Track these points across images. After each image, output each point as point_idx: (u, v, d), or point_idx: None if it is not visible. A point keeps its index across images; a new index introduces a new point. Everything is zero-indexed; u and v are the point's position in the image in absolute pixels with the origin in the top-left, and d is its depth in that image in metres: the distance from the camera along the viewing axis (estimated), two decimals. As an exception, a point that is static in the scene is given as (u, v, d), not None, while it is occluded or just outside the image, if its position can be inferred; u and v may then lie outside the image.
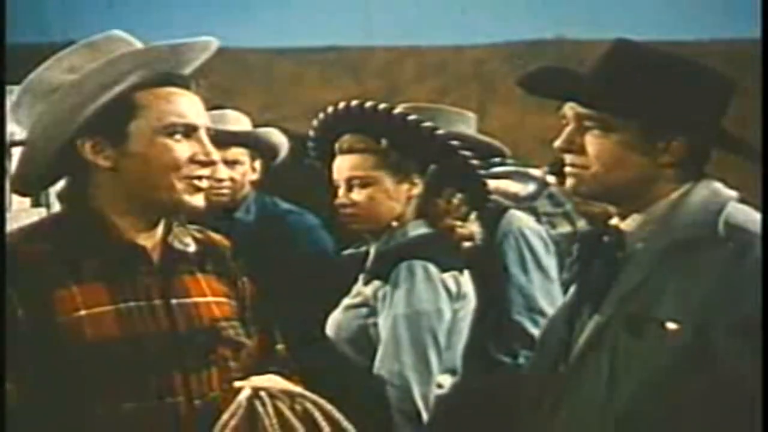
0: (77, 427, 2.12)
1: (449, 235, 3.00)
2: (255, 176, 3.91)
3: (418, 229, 2.98)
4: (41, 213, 3.59)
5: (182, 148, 2.19)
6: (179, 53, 2.22)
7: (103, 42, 2.25)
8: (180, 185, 2.19)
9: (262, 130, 3.95)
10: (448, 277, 2.94)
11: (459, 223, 3.01)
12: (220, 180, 3.77)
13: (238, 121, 3.94)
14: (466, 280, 3.01)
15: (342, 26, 9.12)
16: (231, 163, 3.81)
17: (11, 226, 2.31)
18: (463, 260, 3.01)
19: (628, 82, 2.10)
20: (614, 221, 2.18)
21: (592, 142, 2.12)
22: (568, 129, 2.15)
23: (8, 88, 2.37)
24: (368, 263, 3.03)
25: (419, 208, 3.00)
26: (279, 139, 3.93)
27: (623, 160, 2.11)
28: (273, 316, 2.46)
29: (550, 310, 3.40)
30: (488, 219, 3.54)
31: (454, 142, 2.99)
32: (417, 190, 2.99)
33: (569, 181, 2.17)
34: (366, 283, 2.99)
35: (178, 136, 2.19)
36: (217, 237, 2.41)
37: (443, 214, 3.00)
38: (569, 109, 2.14)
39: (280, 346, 2.44)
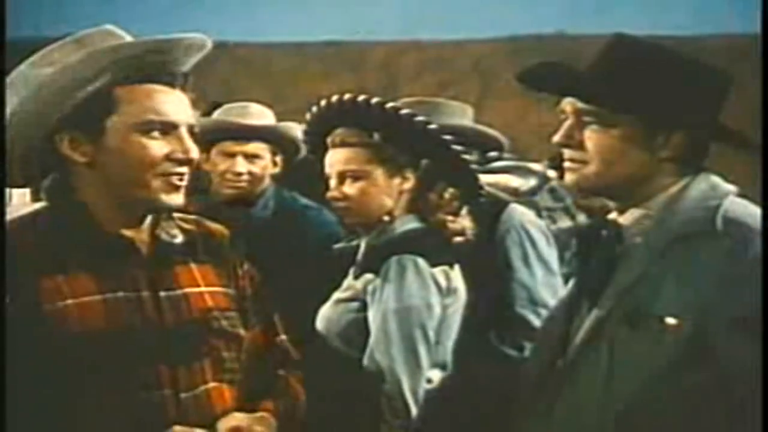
0: (63, 416, 2.11)
1: (440, 229, 3.00)
2: (275, 170, 3.91)
3: (409, 224, 2.99)
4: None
5: (158, 146, 2.17)
6: (168, 50, 2.19)
7: (92, 37, 2.23)
8: (155, 183, 2.17)
9: (282, 124, 3.94)
10: (438, 271, 2.94)
11: (450, 217, 3.01)
12: (239, 173, 3.78)
13: (261, 115, 3.94)
14: (456, 274, 3.01)
15: (342, 21, 9.12)
16: (251, 157, 3.81)
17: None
18: (453, 255, 3.01)
19: (626, 77, 2.09)
20: (613, 216, 2.18)
21: (591, 137, 2.11)
22: (567, 124, 2.15)
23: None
24: (359, 257, 3.04)
25: (411, 203, 3.00)
26: (299, 133, 3.92)
27: (622, 155, 2.11)
28: (276, 308, 2.44)
29: (552, 303, 3.40)
30: (487, 214, 3.55)
31: (448, 137, 2.98)
32: (409, 185, 2.99)
33: (568, 176, 2.16)
34: (356, 277, 2.99)
35: (155, 134, 2.17)
36: (214, 226, 2.39)
37: (435, 209, 3.00)
38: (568, 104, 2.14)
39: (281, 338, 2.43)
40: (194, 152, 2.20)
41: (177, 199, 2.20)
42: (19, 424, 2.09)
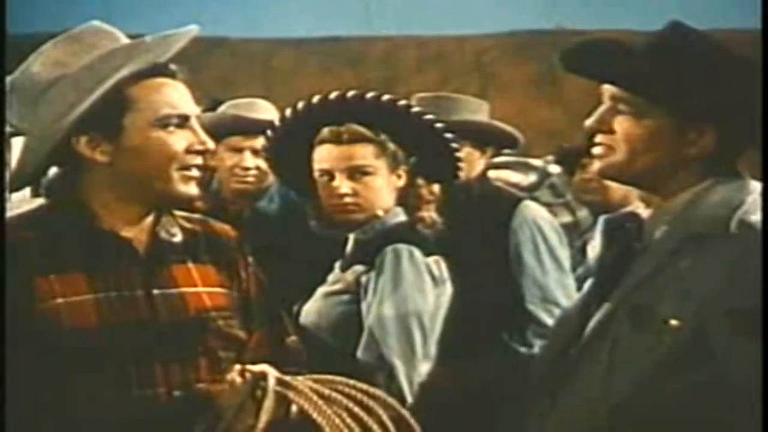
0: (55, 414, 2.12)
1: (422, 222, 3.02)
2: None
3: (397, 217, 3.00)
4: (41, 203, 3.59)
5: (177, 140, 2.19)
6: (164, 44, 2.20)
7: (84, 34, 2.24)
8: (176, 176, 2.19)
9: None
10: (431, 261, 2.96)
11: (426, 213, 3.03)
12: (247, 168, 3.79)
13: (268, 111, 3.95)
14: (445, 266, 3.02)
15: (342, 16, 9.11)
16: (258, 152, 3.82)
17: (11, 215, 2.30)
18: (443, 247, 3.02)
19: (674, 68, 2.06)
20: (638, 209, 2.16)
21: (622, 124, 2.09)
22: (600, 109, 2.12)
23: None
24: (348, 250, 3.04)
25: (400, 197, 3.02)
26: None
27: (650, 147, 2.07)
28: (283, 308, 2.44)
29: (564, 301, 3.41)
30: (499, 209, 3.57)
31: (449, 134, 3.00)
32: (402, 181, 3.01)
33: (596, 162, 2.14)
34: (344, 269, 3.00)
35: (171, 128, 2.18)
36: (219, 226, 2.39)
37: (422, 203, 3.02)
38: (606, 88, 2.11)
39: (290, 339, 2.42)
40: (210, 142, 2.22)
41: (193, 189, 2.21)
42: (12, 421, 2.09)
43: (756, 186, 2.09)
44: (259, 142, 3.79)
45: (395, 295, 2.88)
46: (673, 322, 1.99)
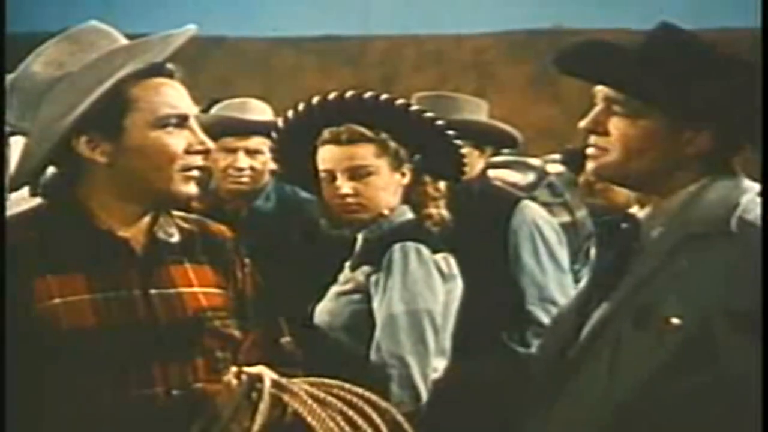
0: (52, 414, 2.13)
1: (430, 220, 3.03)
2: (275, 166, 3.91)
3: (404, 215, 3.01)
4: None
5: (177, 140, 2.19)
6: (162, 44, 2.21)
7: (82, 33, 2.24)
8: (176, 176, 2.19)
9: None
10: (439, 258, 2.97)
11: (435, 210, 3.04)
12: (240, 169, 3.79)
13: (260, 111, 3.94)
14: (454, 262, 3.03)
15: (340, 16, 9.11)
16: (252, 153, 3.81)
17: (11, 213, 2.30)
18: (450, 244, 3.03)
19: (666, 68, 2.05)
20: (633, 209, 2.16)
21: (617, 125, 2.09)
22: (595, 110, 2.12)
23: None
24: (357, 250, 3.05)
25: (405, 195, 3.02)
26: None
27: (646, 147, 2.07)
28: (278, 308, 2.44)
29: (562, 300, 3.41)
30: (498, 208, 3.58)
31: (451, 131, 3.00)
32: (407, 179, 3.02)
33: (590, 163, 2.14)
34: (354, 269, 3.00)
35: (170, 128, 2.19)
36: (215, 226, 2.40)
37: (428, 201, 3.03)
38: (600, 90, 2.11)
39: (284, 340, 2.42)
40: (209, 142, 2.23)
41: (192, 189, 2.22)
42: (12, 421, 2.09)
43: (751, 185, 2.09)
44: (253, 142, 3.80)
45: (404, 292, 2.89)
46: (675, 320, 1.99)
